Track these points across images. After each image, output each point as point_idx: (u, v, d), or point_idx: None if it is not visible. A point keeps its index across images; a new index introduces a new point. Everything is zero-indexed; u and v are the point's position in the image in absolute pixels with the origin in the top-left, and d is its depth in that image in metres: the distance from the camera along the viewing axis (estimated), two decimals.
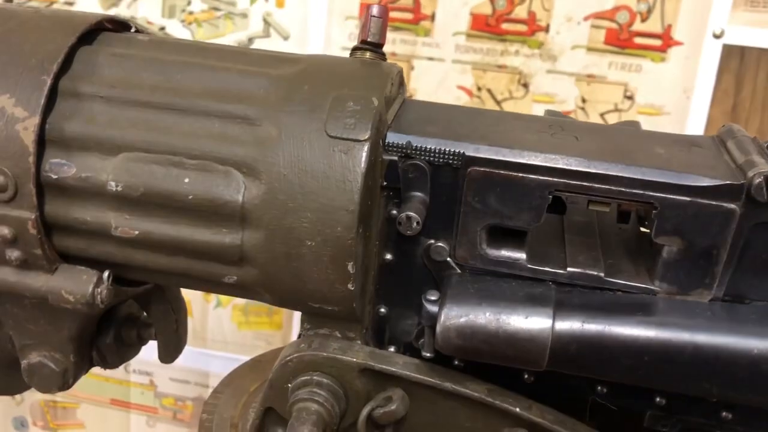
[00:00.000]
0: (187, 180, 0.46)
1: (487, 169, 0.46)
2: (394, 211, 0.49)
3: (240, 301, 1.44)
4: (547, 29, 1.23)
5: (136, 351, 0.64)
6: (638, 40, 1.22)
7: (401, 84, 0.53)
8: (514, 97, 1.27)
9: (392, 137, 0.47)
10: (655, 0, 1.21)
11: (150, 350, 0.65)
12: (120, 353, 0.62)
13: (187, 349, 1.55)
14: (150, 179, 0.47)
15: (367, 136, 0.45)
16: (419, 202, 0.47)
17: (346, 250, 0.46)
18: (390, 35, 1.29)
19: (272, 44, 1.30)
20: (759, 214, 0.44)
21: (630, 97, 1.25)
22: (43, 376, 0.57)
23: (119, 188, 0.47)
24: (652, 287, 0.47)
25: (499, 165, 0.46)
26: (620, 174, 0.45)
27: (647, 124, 1.31)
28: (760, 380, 0.44)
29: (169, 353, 0.62)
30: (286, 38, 1.31)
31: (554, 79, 1.25)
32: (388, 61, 0.53)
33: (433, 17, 1.25)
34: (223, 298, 1.42)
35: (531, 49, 1.25)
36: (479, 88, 1.28)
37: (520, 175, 0.46)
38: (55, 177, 0.48)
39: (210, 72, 0.49)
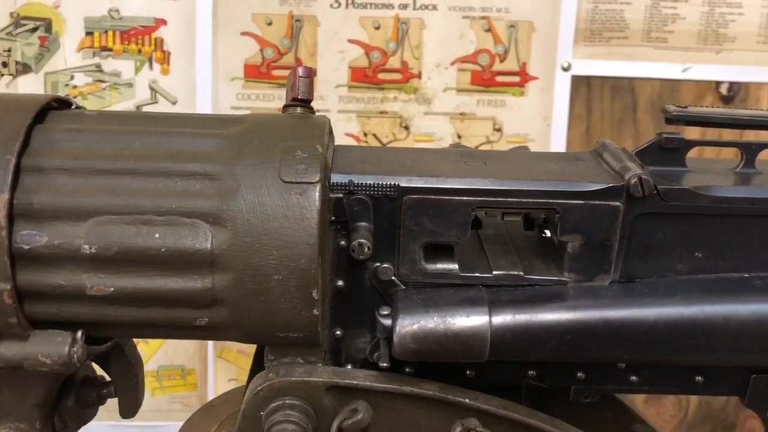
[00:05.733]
0: (157, 235, 0.51)
1: (420, 196, 0.55)
2: (343, 242, 0.56)
3: (151, 367, 1.43)
4: (419, 76, 1.35)
5: (95, 412, 0.66)
6: (500, 78, 1.37)
7: (330, 133, 0.61)
8: (398, 139, 1.38)
9: (336, 178, 0.55)
10: (509, 42, 1.36)
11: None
12: (80, 416, 0.64)
13: (102, 425, 1.51)
14: (122, 238, 0.51)
15: (317, 178, 0.52)
16: (366, 230, 0.55)
17: (310, 279, 0.52)
18: (275, 92, 1.37)
19: (161, 109, 1.33)
20: (638, 208, 0.55)
21: (499, 130, 1.39)
22: None
23: (93, 250, 0.51)
24: (562, 278, 0.57)
25: (429, 191, 0.55)
26: (526, 188, 0.55)
27: None
28: (657, 341, 0.54)
29: (131, 408, 0.65)
30: (174, 103, 1.35)
31: (431, 120, 1.37)
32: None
33: (314, 73, 1.34)
34: None
35: (407, 94, 1.36)
36: (365, 134, 1.37)
37: (447, 198, 0.55)
38: (27, 247, 0.51)
39: (165, 137, 0.54)
